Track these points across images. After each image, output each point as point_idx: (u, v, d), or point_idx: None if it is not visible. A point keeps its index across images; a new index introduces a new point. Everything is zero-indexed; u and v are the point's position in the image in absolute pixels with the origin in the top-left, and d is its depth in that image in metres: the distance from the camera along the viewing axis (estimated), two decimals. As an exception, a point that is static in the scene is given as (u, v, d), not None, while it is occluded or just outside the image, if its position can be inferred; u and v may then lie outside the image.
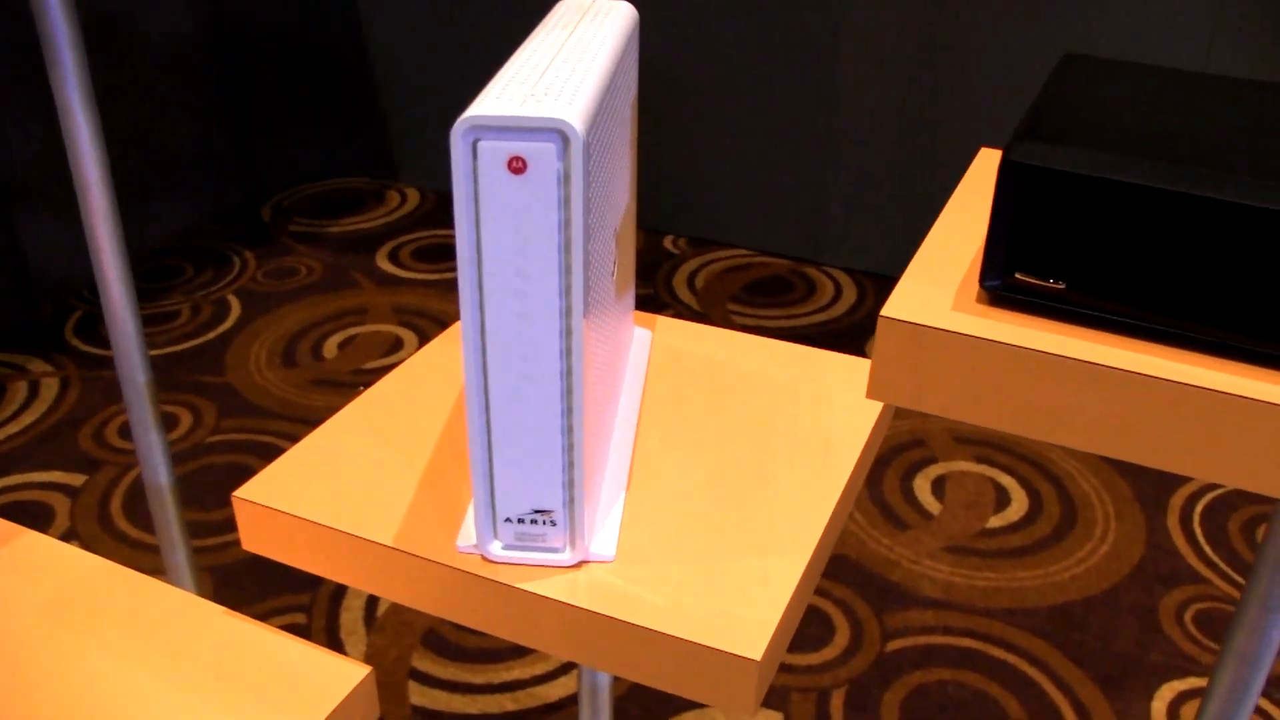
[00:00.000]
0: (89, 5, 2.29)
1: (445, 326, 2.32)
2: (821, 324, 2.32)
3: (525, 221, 0.54)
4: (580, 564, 0.64)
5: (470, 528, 0.66)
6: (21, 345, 2.23)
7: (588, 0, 0.72)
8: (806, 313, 2.36)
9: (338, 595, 1.64)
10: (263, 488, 0.70)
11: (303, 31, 2.77)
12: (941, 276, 0.62)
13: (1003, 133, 2.25)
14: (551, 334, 0.57)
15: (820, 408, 0.78)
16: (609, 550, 0.65)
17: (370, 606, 1.63)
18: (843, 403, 0.79)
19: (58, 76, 0.91)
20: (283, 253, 2.60)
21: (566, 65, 0.59)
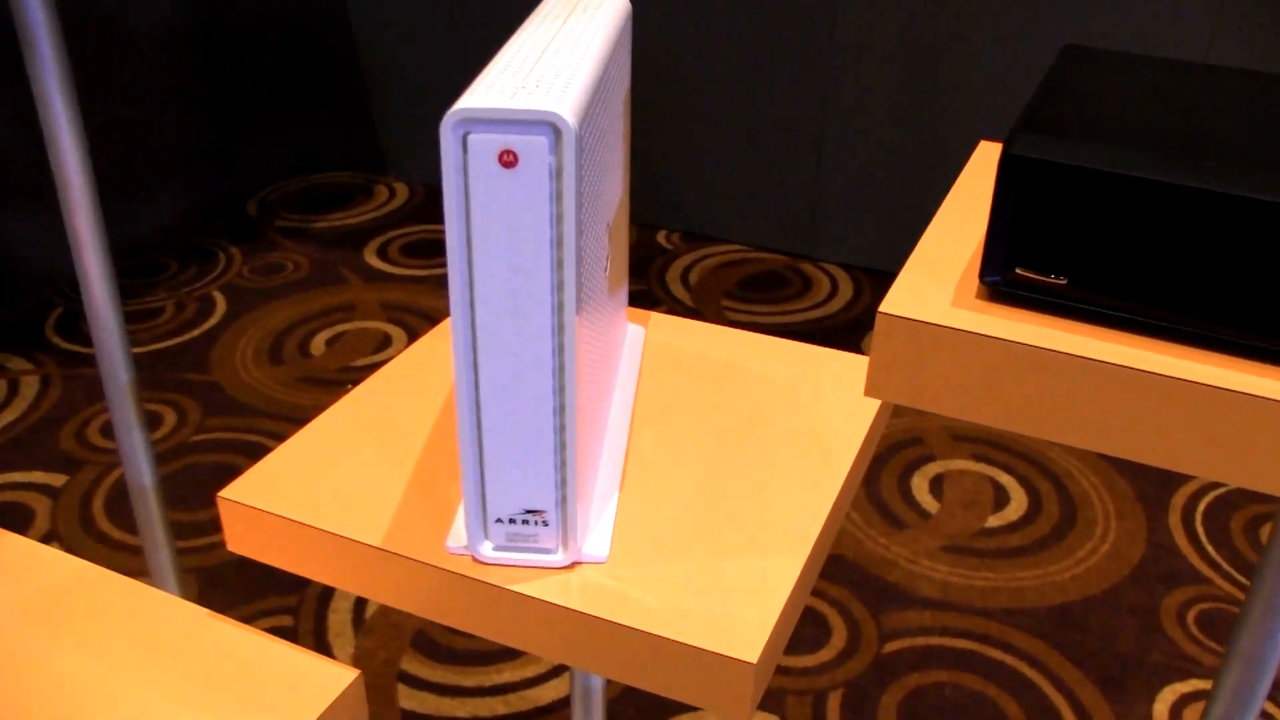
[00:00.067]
0: (70, -5, 2.29)
1: (435, 323, 2.32)
2: (817, 320, 2.33)
3: (516, 216, 0.54)
4: (573, 565, 0.64)
5: (460, 528, 0.66)
6: (0, 343, 2.23)
7: (580, -10, 0.72)
8: (802, 309, 2.37)
9: (325, 597, 1.64)
10: (248, 488, 0.70)
11: (289, 22, 2.76)
12: (941, 272, 0.62)
13: (1002, 125, 2.26)
14: (543, 331, 0.57)
15: (817, 405, 0.78)
16: (602, 551, 0.65)
17: (358, 609, 1.63)
18: (840, 400, 0.79)
19: (36, 67, 0.91)
20: (269, 248, 2.60)
21: (558, 57, 0.59)
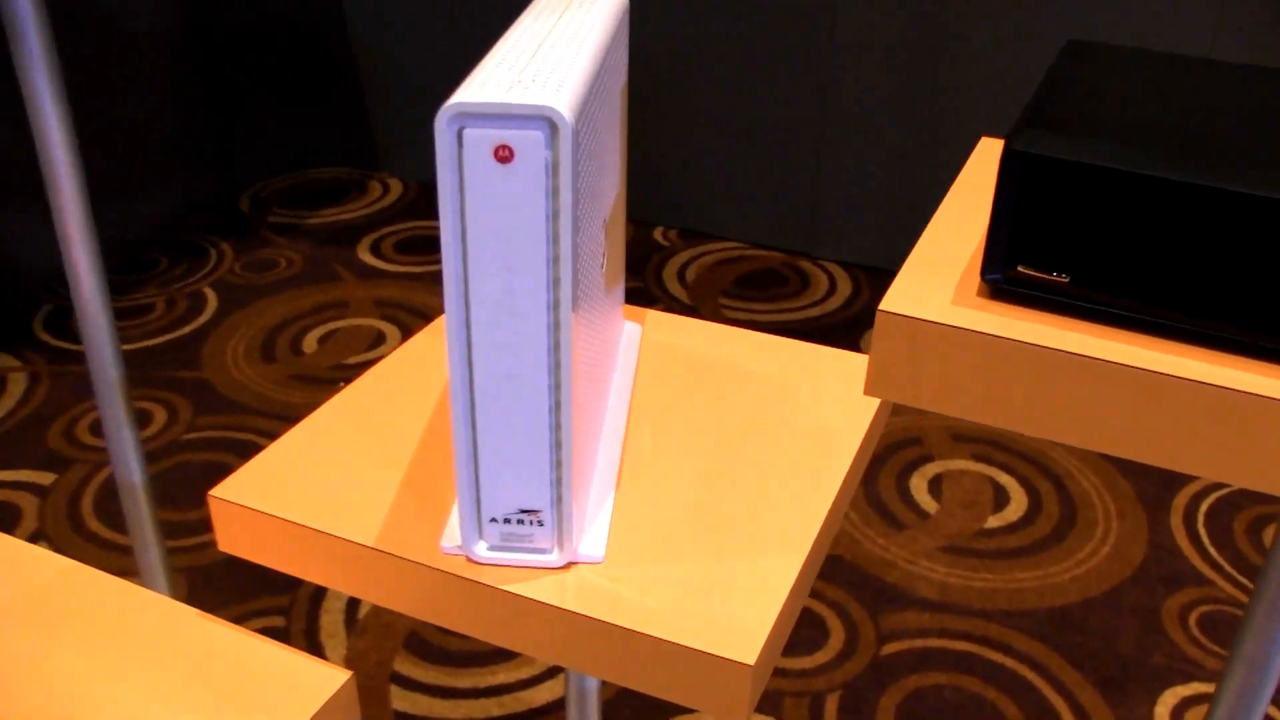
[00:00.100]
0: (60, -12, 2.28)
1: (429, 321, 2.32)
2: (815, 319, 2.33)
3: (512, 212, 0.54)
4: (568, 565, 0.64)
5: (455, 528, 0.66)
6: (-10, 339, 2.22)
7: (576, -17, 0.71)
8: (800, 307, 2.36)
9: (317, 597, 1.64)
10: (240, 486, 0.70)
11: (283, 16, 2.75)
12: (941, 269, 0.61)
13: (1004, 122, 2.26)
14: (539, 328, 0.57)
15: (815, 404, 0.78)
16: (598, 551, 0.65)
17: (351, 609, 1.62)
18: (839, 399, 0.78)
19: (24, 62, 0.90)
20: (261, 244, 2.59)
21: (554, 51, 0.58)
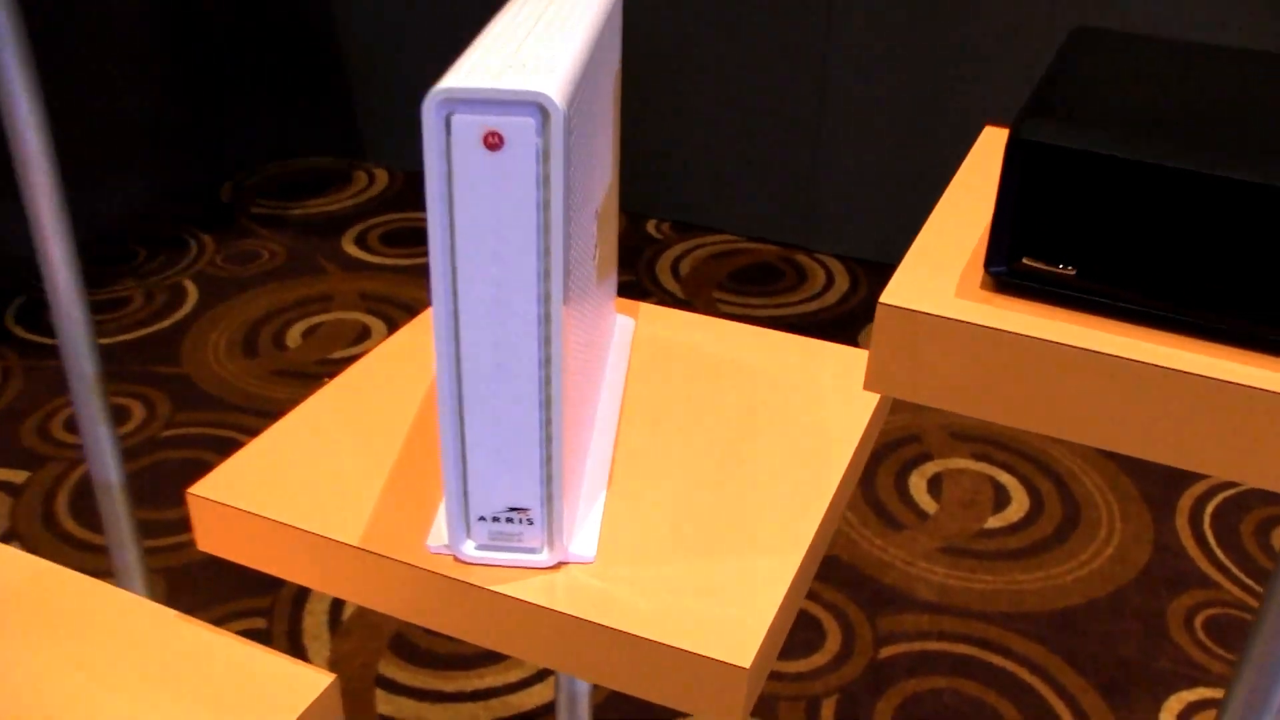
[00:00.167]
0: (35, -30, 2.27)
1: (416, 315, 2.31)
2: (812, 313, 2.33)
3: (501, 201, 0.54)
4: (558, 565, 0.64)
5: (442, 527, 0.66)
6: (-38, 332, 2.22)
7: (568, -34, 0.71)
8: (796, 302, 2.37)
9: (300, 598, 1.64)
10: (220, 484, 0.70)
11: (265, 0, 2.75)
12: (944, 261, 0.61)
13: (1007, 111, 2.26)
14: (529, 321, 0.57)
15: (813, 400, 0.78)
16: (589, 551, 0.64)
17: (335, 610, 1.62)
18: (837, 395, 0.78)
19: None
20: (243, 235, 2.59)
21: (546, 35, 0.58)
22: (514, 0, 0.65)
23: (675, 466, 0.72)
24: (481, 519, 0.63)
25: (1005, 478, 1.89)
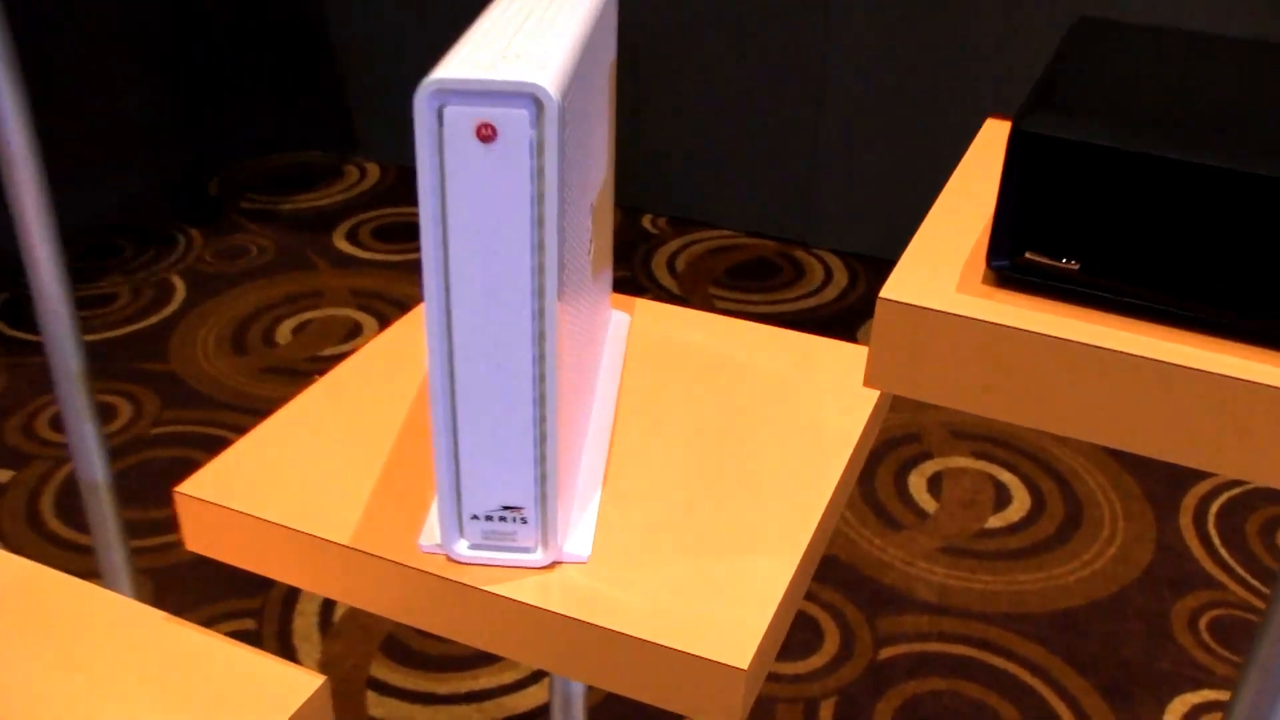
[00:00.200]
0: (20, -40, 2.27)
1: (407, 311, 2.31)
2: (810, 310, 2.33)
3: (495, 194, 0.54)
4: (553, 565, 0.64)
5: (434, 526, 0.66)
6: (-54, 329, 2.21)
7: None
8: (794, 298, 2.37)
9: (290, 599, 1.64)
10: (208, 482, 0.70)
11: (253, -9, 2.74)
12: (945, 256, 0.61)
13: (1010, 103, 2.26)
14: (523, 316, 0.57)
15: (812, 397, 0.78)
16: (584, 550, 0.64)
17: (325, 611, 1.62)
18: (836, 392, 0.78)
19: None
20: (232, 231, 2.58)
21: (540, 27, 0.58)
22: (507, -10, 0.64)
23: (671, 465, 0.71)
24: (474, 518, 0.63)
25: (1006, 476, 1.89)
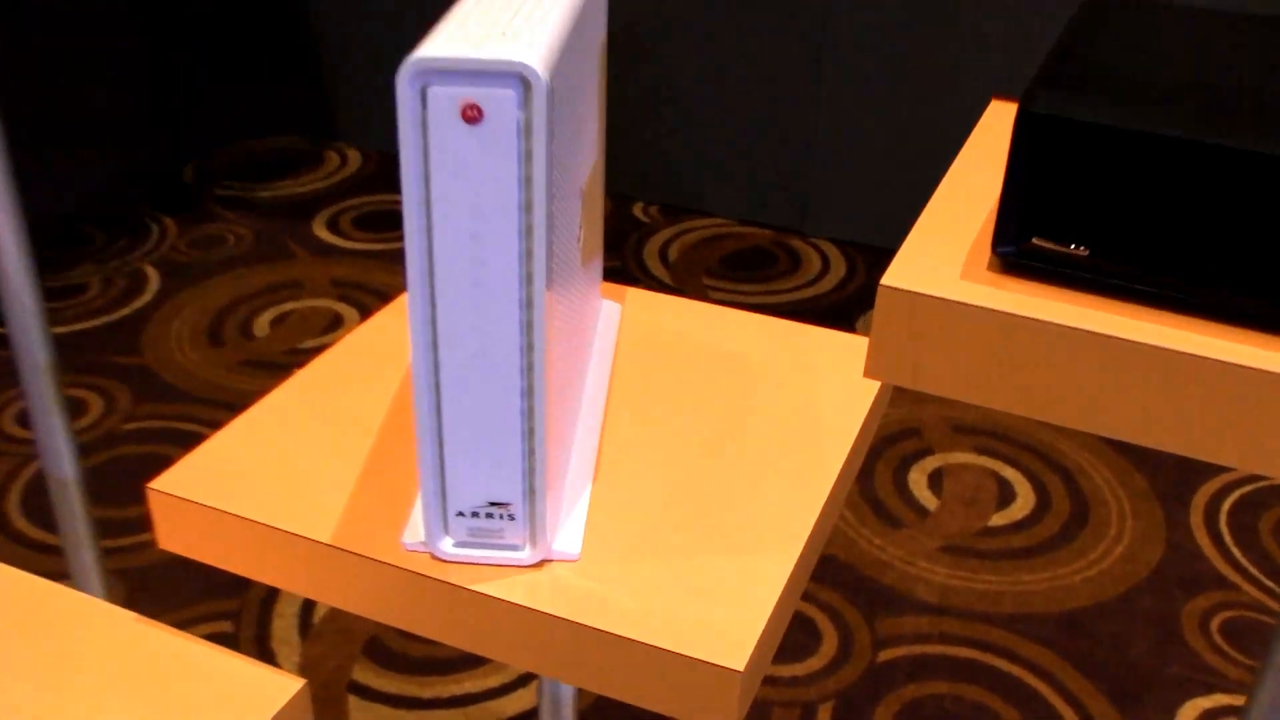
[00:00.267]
0: (-14, -63, 2.26)
1: (389, 302, 2.31)
2: (807, 301, 2.33)
3: (481, 178, 0.54)
4: (541, 563, 0.64)
5: (418, 523, 0.66)
6: (-90, 321, 2.21)
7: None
8: (790, 288, 2.37)
9: (269, 600, 1.63)
10: (182, 479, 0.69)
11: (229, -30, 2.74)
12: (949, 242, 0.61)
13: (1015, 84, 2.26)
14: (510, 306, 0.57)
15: (809, 389, 0.78)
16: (574, 548, 0.64)
17: (305, 612, 1.62)
18: (834, 384, 0.78)
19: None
20: (207, 219, 2.58)
21: (527, 4, 0.58)
22: (494, -34, 0.64)
23: (664, 459, 0.71)
24: (460, 514, 0.62)
25: (1010, 473, 1.89)
